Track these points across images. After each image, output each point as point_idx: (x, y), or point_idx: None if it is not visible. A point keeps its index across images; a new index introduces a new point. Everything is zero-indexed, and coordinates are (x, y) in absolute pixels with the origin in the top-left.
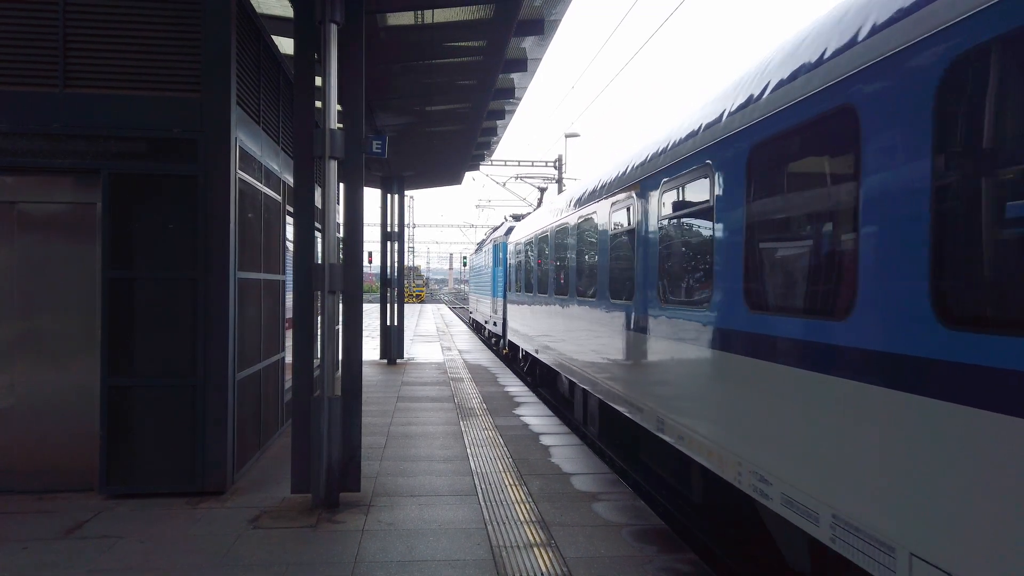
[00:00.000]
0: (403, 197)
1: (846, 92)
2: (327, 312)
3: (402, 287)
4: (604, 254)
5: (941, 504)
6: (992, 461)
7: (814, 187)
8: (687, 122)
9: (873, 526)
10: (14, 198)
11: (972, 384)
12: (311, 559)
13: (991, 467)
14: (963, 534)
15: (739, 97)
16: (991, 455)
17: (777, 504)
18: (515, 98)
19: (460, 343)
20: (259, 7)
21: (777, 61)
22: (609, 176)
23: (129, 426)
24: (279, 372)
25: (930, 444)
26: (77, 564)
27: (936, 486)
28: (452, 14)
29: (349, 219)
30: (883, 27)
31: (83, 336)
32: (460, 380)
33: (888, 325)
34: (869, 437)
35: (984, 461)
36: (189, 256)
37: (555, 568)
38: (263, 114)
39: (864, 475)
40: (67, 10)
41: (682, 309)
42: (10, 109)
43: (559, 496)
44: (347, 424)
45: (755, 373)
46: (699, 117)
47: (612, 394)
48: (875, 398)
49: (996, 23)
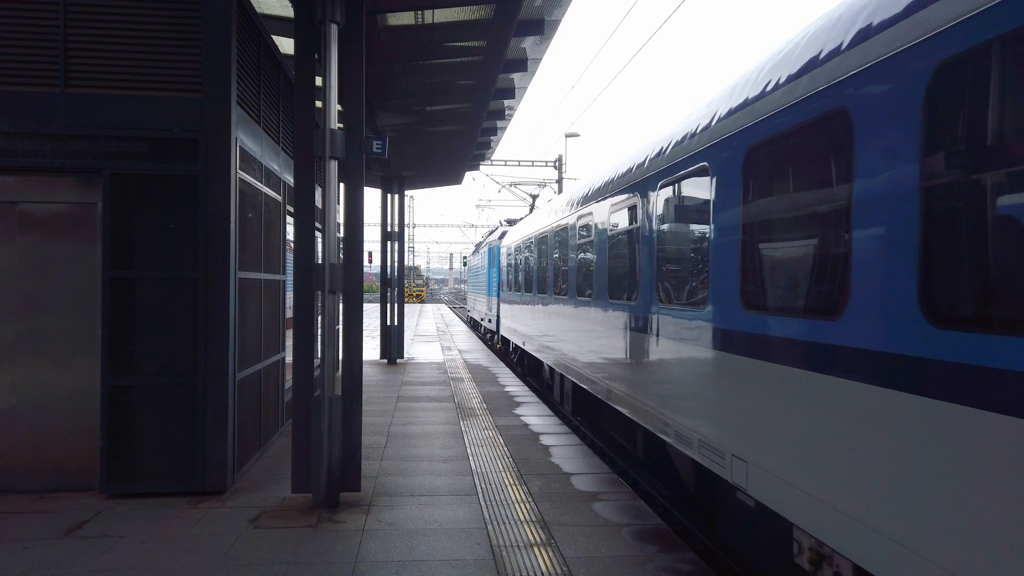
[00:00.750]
0: (403, 197)
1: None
2: (327, 312)
3: (402, 287)
4: (573, 261)
5: (736, 421)
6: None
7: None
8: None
9: (716, 443)
10: (15, 198)
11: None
12: (311, 559)
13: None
14: (742, 434)
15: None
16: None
17: (673, 438)
18: (515, 98)
19: (460, 343)
20: (259, 7)
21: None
22: (559, 208)
23: (130, 426)
24: (279, 372)
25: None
26: (78, 563)
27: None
28: (452, 14)
29: (349, 219)
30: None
31: (84, 336)
32: (460, 380)
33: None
34: (709, 389)
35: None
36: (189, 256)
37: (555, 568)
38: (263, 114)
39: (710, 412)
40: (68, 10)
41: (609, 303)
42: (11, 109)
43: (559, 496)
44: (347, 424)
45: (656, 354)
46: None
47: (581, 376)
48: (708, 365)
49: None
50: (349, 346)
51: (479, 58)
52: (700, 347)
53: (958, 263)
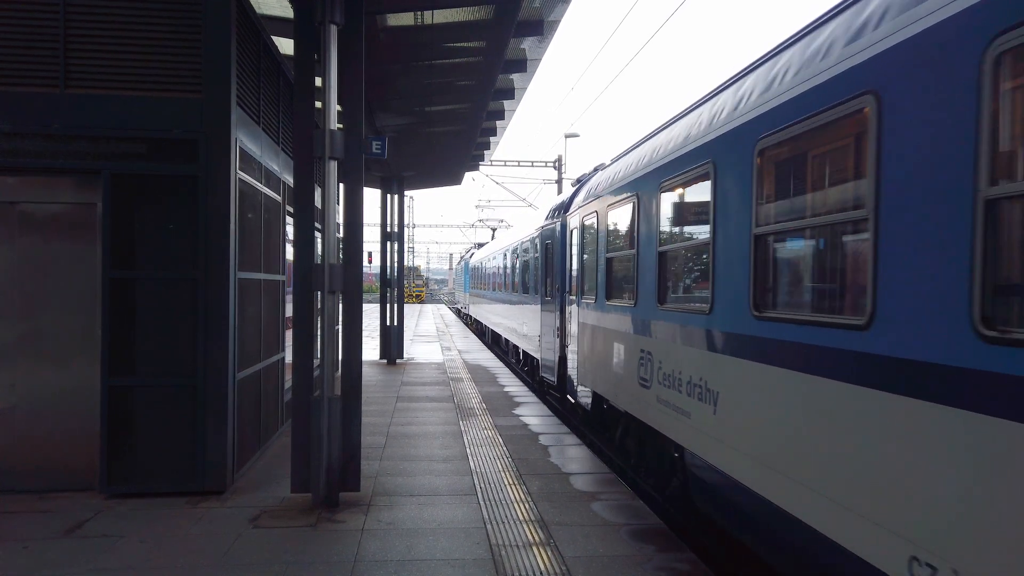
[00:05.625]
0: (403, 197)
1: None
2: (327, 312)
3: (402, 287)
4: (503, 269)
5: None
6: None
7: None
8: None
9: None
10: (15, 198)
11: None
12: (311, 558)
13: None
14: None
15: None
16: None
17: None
18: (514, 99)
19: (460, 343)
20: (259, 8)
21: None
22: (494, 247)
23: (129, 426)
24: (279, 372)
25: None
26: (78, 563)
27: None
28: (452, 15)
29: (349, 219)
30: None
31: (84, 336)
32: (460, 380)
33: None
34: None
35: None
36: (189, 256)
37: (554, 567)
38: (263, 114)
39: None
40: (68, 10)
41: (514, 295)
42: (11, 109)
43: (558, 495)
44: (347, 424)
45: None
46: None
47: (494, 323)
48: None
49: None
50: (349, 346)
51: (478, 59)
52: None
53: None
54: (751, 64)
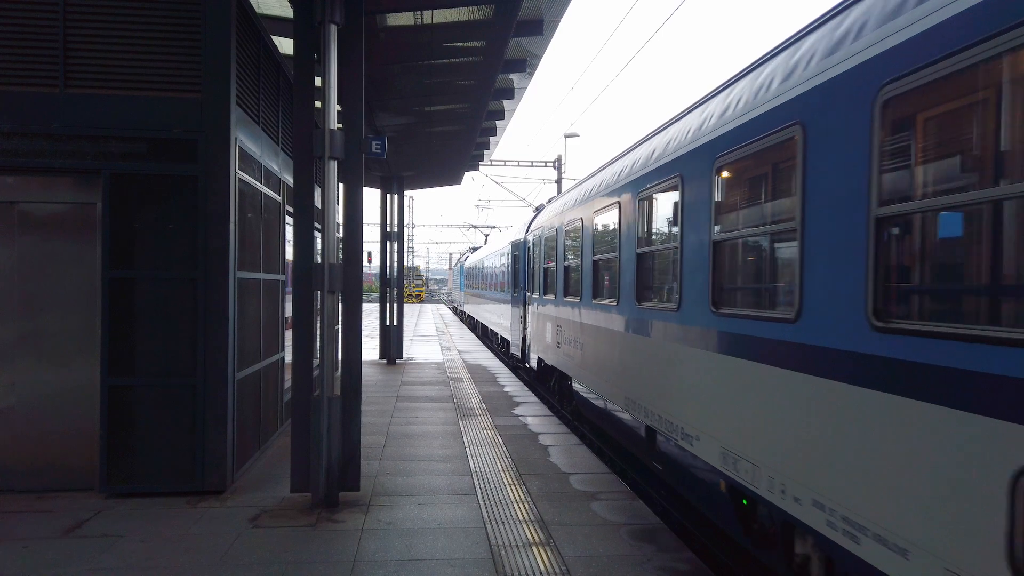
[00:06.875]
0: (403, 197)
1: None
2: (326, 312)
3: (401, 287)
4: (489, 272)
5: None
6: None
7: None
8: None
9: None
10: (15, 198)
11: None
12: (311, 558)
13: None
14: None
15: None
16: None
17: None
18: (514, 98)
19: (459, 343)
20: (259, 7)
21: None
22: (482, 253)
23: (129, 425)
24: (279, 372)
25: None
26: (77, 563)
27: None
28: (452, 14)
29: (349, 219)
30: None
31: (83, 336)
32: (459, 380)
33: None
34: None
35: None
36: (189, 256)
37: (554, 567)
38: (263, 114)
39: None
40: (67, 10)
41: (496, 293)
42: (11, 109)
43: (558, 495)
44: (347, 424)
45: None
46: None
47: (480, 314)
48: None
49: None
50: (348, 346)
51: (478, 58)
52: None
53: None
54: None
